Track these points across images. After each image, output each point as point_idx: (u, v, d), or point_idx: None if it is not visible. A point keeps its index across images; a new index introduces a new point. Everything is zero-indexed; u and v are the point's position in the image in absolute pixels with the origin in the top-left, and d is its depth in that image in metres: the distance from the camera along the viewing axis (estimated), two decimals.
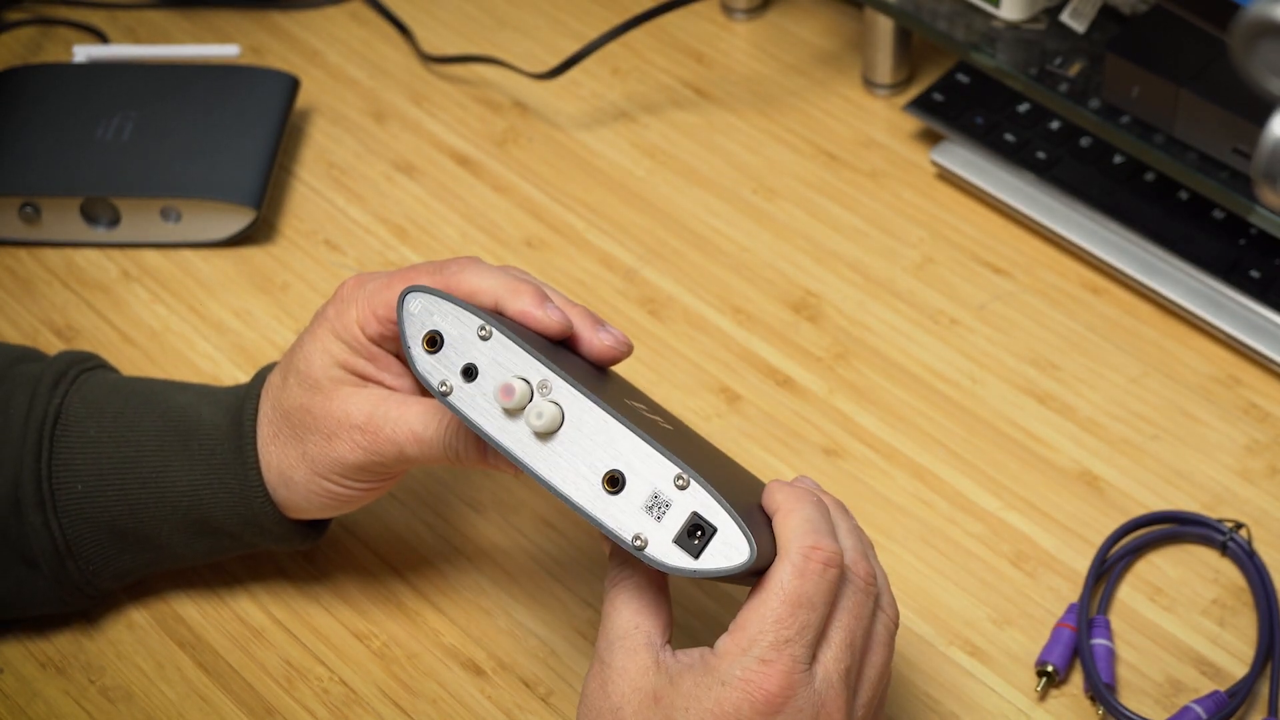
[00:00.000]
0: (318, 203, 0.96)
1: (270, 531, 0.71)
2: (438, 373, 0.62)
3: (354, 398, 0.68)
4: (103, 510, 0.71)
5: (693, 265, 0.91)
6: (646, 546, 0.58)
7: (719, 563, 0.57)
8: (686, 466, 0.58)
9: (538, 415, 0.59)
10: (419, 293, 0.62)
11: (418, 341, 0.62)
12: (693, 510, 0.58)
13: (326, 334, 0.68)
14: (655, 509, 0.58)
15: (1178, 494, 0.79)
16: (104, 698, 0.74)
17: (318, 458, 0.68)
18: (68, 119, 0.95)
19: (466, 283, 0.65)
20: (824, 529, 0.61)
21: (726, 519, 0.57)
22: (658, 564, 0.58)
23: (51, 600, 0.73)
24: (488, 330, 0.61)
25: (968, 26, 0.92)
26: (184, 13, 1.08)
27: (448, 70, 1.03)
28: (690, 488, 0.58)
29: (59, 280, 0.92)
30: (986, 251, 0.91)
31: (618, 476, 0.59)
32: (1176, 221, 0.88)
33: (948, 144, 0.94)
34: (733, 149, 0.97)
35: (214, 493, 0.70)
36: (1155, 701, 0.72)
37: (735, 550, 0.57)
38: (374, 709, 0.73)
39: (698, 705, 0.58)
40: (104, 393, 0.73)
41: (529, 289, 0.65)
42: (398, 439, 0.67)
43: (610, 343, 0.66)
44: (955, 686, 0.73)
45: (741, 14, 1.06)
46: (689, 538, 0.58)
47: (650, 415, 0.64)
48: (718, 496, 0.58)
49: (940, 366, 0.85)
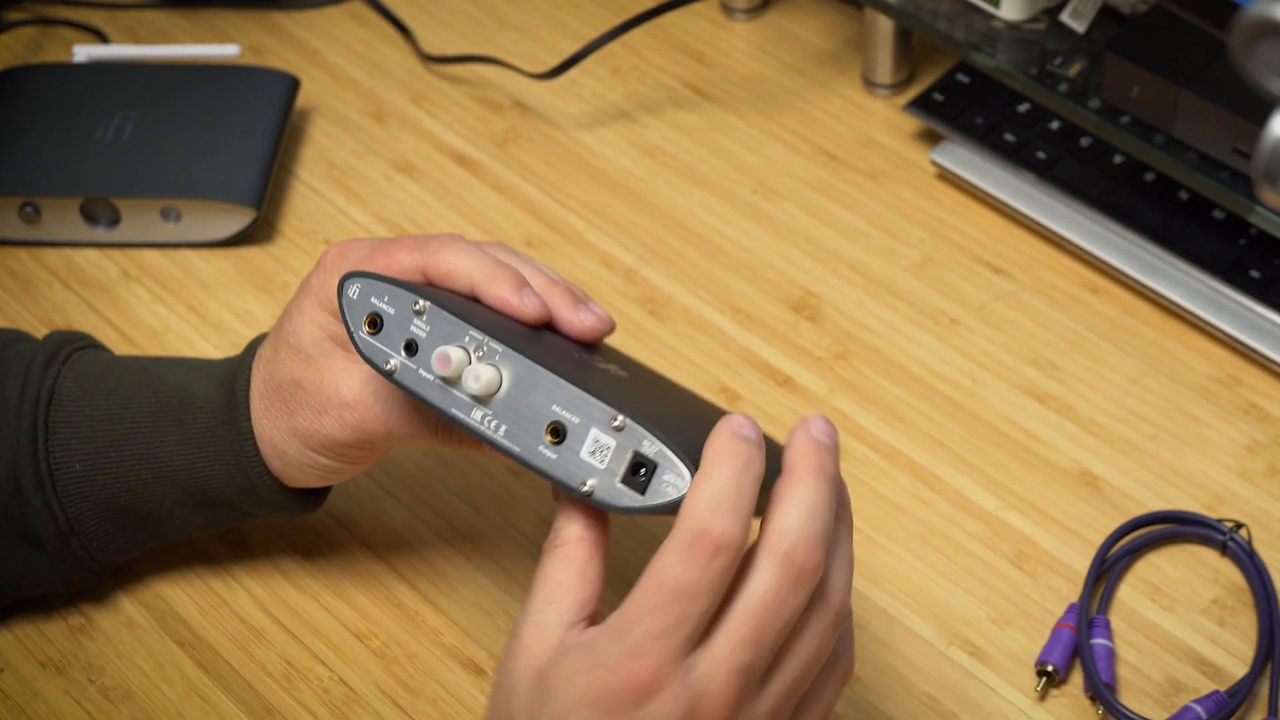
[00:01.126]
0: (318, 203, 0.96)
1: (269, 500, 0.72)
2: (381, 353, 0.63)
3: (344, 373, 0.68)
4: (102, 488, 0.71)
5: (693, 265, 0.91)
6: (595, 491, 0.58)
7: (666, 495, 0.57)
8: (622, 407, 0.59)
9: (475, 378, 0.60)
10: (355, 278, 0.63)
11: (360, 325, 0.63)
12: (633, 449, 0.58)
13: (312, 304, 0.68)
14: (598, 453, 0.59)
15: (1178, 494, 0.79)
16: (104, 697, 0.74)
17: (307, 432, 0.68)
18: (68, 119, 0.95)
19: (445, 262, 0.65)
20: (729, 504, 0.55)
21: (665, 451, 0.58)
22: (607, 506, 0.58)
23: (58, 579, 0.73)
24: (422, 305, 0.62)
25: (968, 26, 0.92)
26: (184, 13, 1.08)
27: (448, 70, 1.03)
28: (627, 428, 0.58)
29: (59, 280, 0.92)
30: (986, 251, 0.91)
31: (559, 427, 0.59)
32: (1176, 221, 0.88)
33: (948, 144, 0.94)
34: (733, 149, 0.97)
35: (211, 465, 0.70)
36: (1155, 701, 0.72)
37: (680, 480, 0.57)
38: (374, 709, 0.73)
39: (573, 687, 0.56)
40: (97, 371, 0.73)
41: (506, 274, 0.65)
42: (388, 419, 0.67)
43: (591, 322, 0.66)
44: (955, 686, 0.73)
45: (741, 14, 1.06)
46: (633, 475, 0.58)
47: (604, 367, 0.64)
48: (654, 431, 0.58)
49: (940, 366, 0.85)
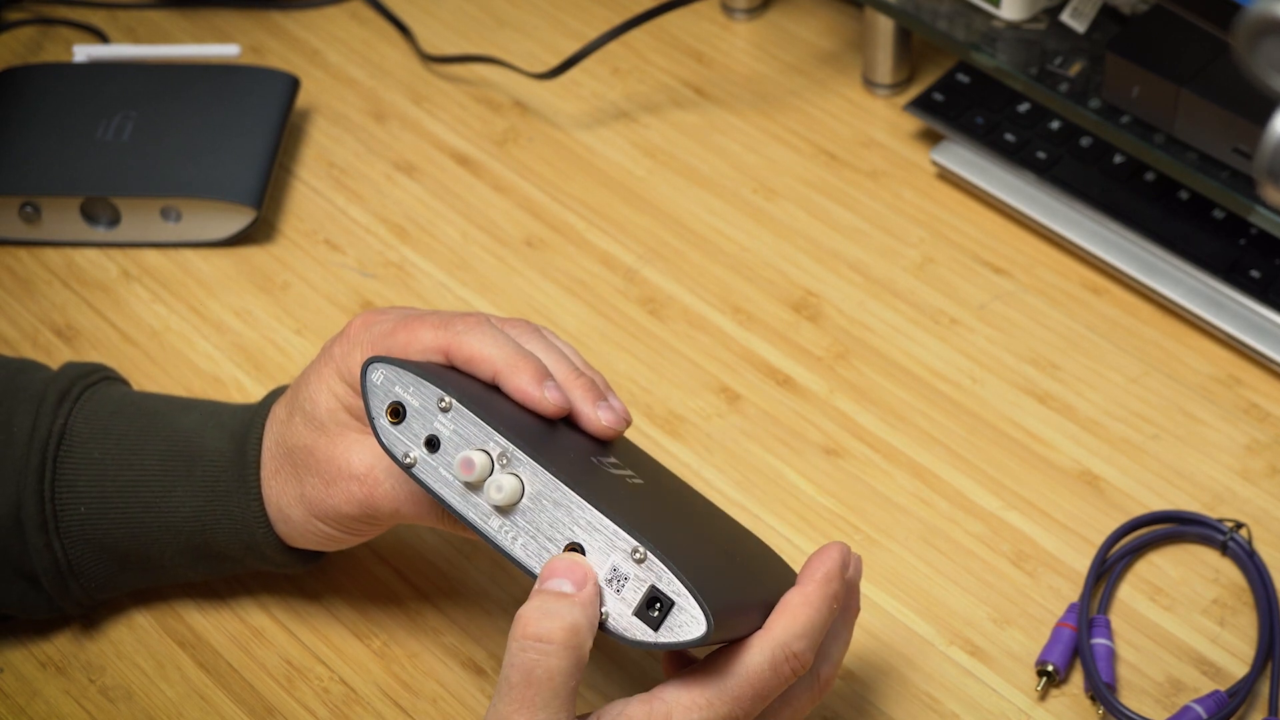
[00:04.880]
0: (318, 202, 0.96)
1: (272, 559, 0.71)
2: (401, 444, 0.62)
3: (356, 447, 0.67)
4: (105, 533, 0.71)
5: (693, 265, 0.91)
6: (608, 620, 0.58)
7: (676, 635, 0.58)
8: (644, 539, 0.58)
9: (498, 489, 0.60)
10: (381, 364, 0.62)
11: (381, 413, 0.62)
12: (650, 584, 0.58)
13: (332, 374, 0.67)
14: (615, 582, 0.59)
15: (1178, 494, 0.79)
16: (104, 697, 0.74)
17: (314, 501, 0.68)
18: (68, 119, 0.95)
19: (468, 347, 0.64)
20: (818, 637, 0.62)
21: (684, 591, 0.58)
22: (619, 637, 0.58)
23: (49, 610, 0.73)
24: (448, 402, 0.61)
25: (968, 26, 0.92)
26: (184, 13, 1.08)
27: (448, 70, 1.03)
28: (647, 560, 0.58)
29: (59, 280, 0.92)
30: (986, 251, 0.91)
31: (578, 548, 0.59)
32: (1176, 221, 0.88)
33: (948, 144, 0.94)
34: (733, 149, 0.97)
35: (217, 519, 0.70)
36: (1155, 701, 0.72)
37: (693, 622, 0.57)
38: (374, 709, 0.73)
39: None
40: (108, 412, 0.72)
41: (529, 366, 0.64)
42: (396, 498, 0.67)
43: (610, 420, 0.65)
44: (955, 686, 0.73)
45: (741, 14, 1.06)
46: (647, 610, 0.58)
47: (620, 473, 0.64)
48: (675, 570, 0.58)
49: (940, 366, 0.85)
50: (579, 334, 0.88)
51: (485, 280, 0.91)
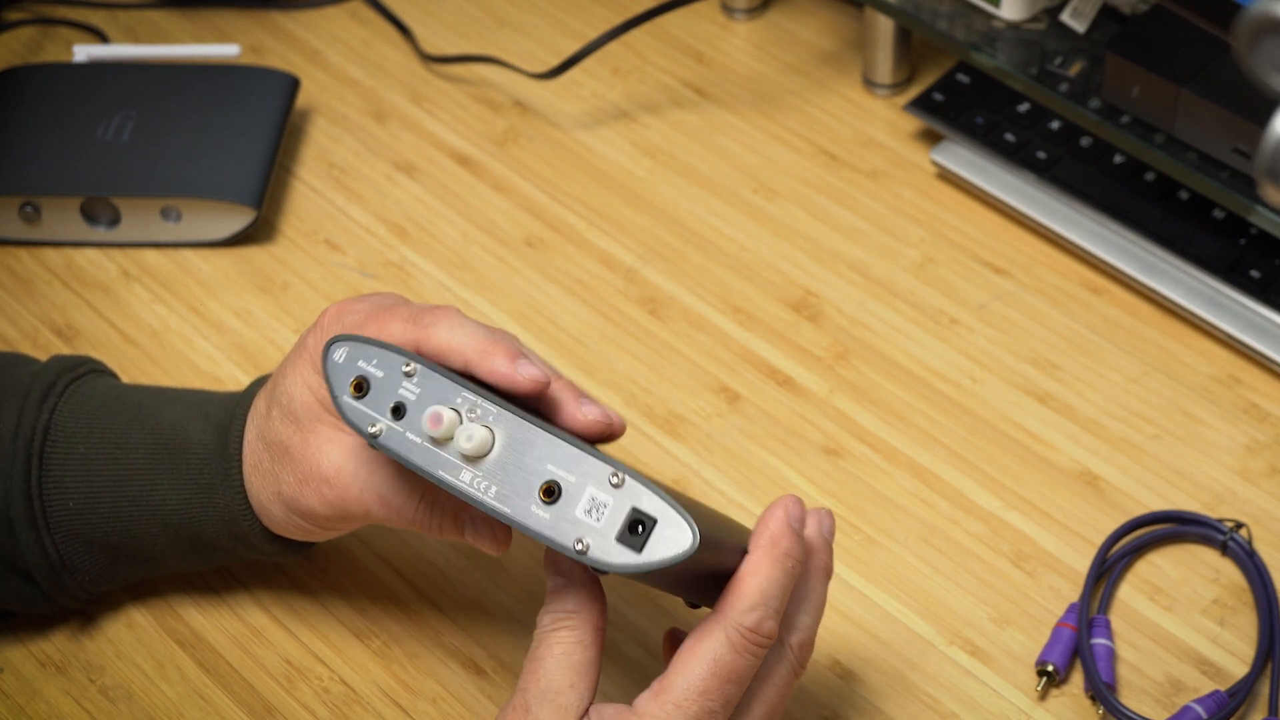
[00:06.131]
0: (318, 202, 0.96)
1: (262, 548, 0.71)
2: (367, 418, 0.61)
3: (327, 446, 0.66)
4: (94, 527, 0.71)
5: (693, 265, 0.91)
6: (589, 550, 0.57)
7: (664, 553, 0.56)
8: (620, 464, 0.58)
9: (468, 438, 0.59)
10: (343, 341, 0.62)
11: (345, 389, 0.62)
12: (631, 505, 0.57)
13: (306, 366, 0.67)
14: (594, 511, 0.57)
15: (1178, 494, 0.79)
16: (104, 697, 0.74)
17: (290, 499, 0.68)
18: (68, 119, 0.95)
19: (438, 338, 0.63)
20: (774, 604, 0.60)
21: (665, 507, 0.56)
22: (601, 564, 0.57)
23: (48, 604, 0.73)
24: (412, 367, 0.61)
25: (968, 26, 0.92)
26: (184, 13, 1.08)
27: (448, 70, 1.03)
28: (626, 484, 0.57)
29: (59, 280, 0.92)
30: (986, 251, 0.91)
31: (553, 486, 0.58)
32: (1176, 221, 0.88)
33: (948, 144, 0.94)
34: (733, 149, 0.97)
35: (204, 511, 0.70)
36: (1155, 701, 0.72)
37: (679, 535, 0.56)
38: (374, 709, 0.73)
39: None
40: (94, 406, 0.72)
41: (501, 347, 0.63)
42: (365, 500, 0.66)
43: (595, 416, 0.63)
44: (955, 686, 0.73)
45: (741, 14, 1.06)
46: (630, 534, 0.57)
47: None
48: (653, 487, 0.57)
49: (940, 366, 0.85)
50: (579, 334, 0.88)
51: (485, 280, 0.91)
